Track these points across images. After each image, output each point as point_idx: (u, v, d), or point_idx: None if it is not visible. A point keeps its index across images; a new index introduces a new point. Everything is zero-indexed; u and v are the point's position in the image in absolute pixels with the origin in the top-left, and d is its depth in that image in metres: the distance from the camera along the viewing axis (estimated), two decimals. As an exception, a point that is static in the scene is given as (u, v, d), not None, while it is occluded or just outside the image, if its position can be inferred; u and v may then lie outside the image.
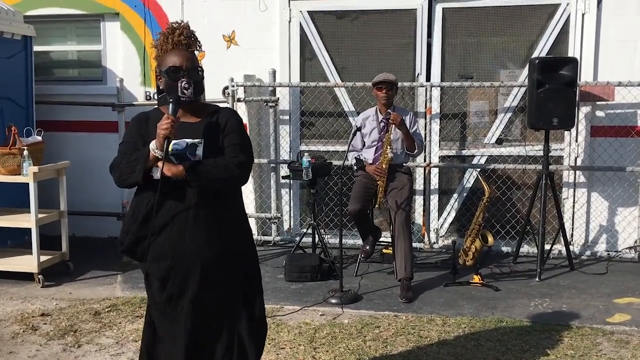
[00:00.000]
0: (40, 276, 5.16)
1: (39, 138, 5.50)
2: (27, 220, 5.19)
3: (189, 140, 2.55)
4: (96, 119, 6.69)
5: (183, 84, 2.55)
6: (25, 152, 5.11)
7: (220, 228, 2.61)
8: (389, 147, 4.98)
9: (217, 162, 2.54)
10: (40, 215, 5.20)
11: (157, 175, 2.52)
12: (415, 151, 5.10)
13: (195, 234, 2.56)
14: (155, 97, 5.87)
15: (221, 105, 2.95)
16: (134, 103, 6.58)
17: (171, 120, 2.48)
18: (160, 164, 2.50)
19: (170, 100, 2.56)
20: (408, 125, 5.09)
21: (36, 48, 6.38)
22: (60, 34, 6.95)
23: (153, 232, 2.57)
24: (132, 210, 2.67)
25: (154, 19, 6.55)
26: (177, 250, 2.58)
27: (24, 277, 5.23)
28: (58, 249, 5.51)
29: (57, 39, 6.95)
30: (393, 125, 4.99)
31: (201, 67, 2.65)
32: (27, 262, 5.24)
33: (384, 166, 4.98)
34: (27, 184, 5.09)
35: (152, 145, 2.52)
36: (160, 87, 2.67)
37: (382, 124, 5.09)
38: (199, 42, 2.70)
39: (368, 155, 5.16)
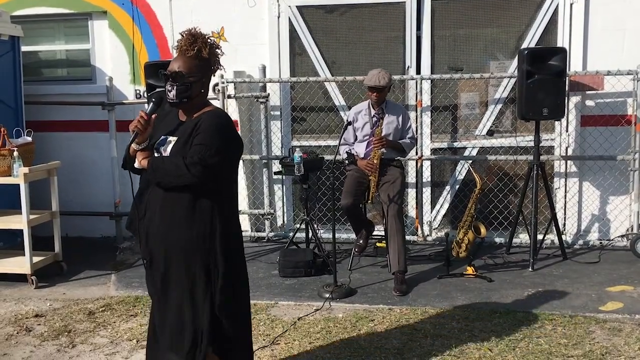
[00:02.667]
0: (33, 277, 5.15)
1: (29, 139, 5.46)
2: (19, 222, 5.17)
3: (169, 137, 2.78)
4: (86, 119, 6.67)
5: (167, 87, 2.76)
6: (16, 153, 5.08)
7: (180, 217, 2.72)
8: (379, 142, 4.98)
9: (172, 160, 2.70)
10: (31, 216, 5.18)
11: (136, 164, 2.80)
12: (407, 154, 5.25)
13: (162, 219, 2.75)
14: (145, 95, 5.85)
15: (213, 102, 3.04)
16: (123, 102, 6.55)
17: (140, 116, 2.71)
18: (138, 154, 2.77)
19: (153, 100, 2.81)
20: (400, 123, 5.11)
21: (24, 48, 6.35)
22: (48, 34, 6.91)
23: (140, 216, 2.83)
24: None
25: (142, 17, 6.52)
26: (150, 233, 2.80)
27: (17, 279, 5.21)
28: (51, 249, 5.49)
29: (45, 39, 6.91)
30: (382, 120, 5.02)
31: (195, 74, 2.74)
32: (20, 264, 5.23)
33: (375, 161, 4.98)
34: (18, 185, 5.06)
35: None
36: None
37: (374, 119, 5.09)
38: (205, 44, 2.75)
39: (360, 149, 5.16)
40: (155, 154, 2.78)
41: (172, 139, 2.75)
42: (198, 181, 2.63)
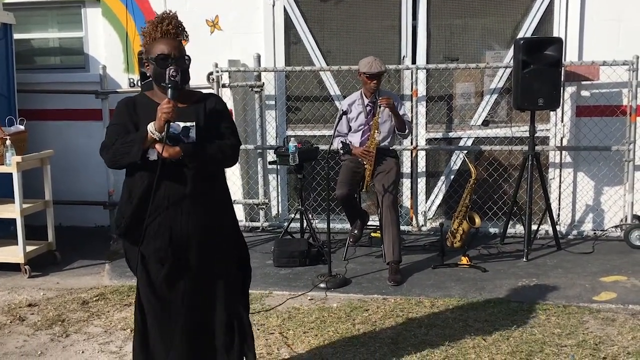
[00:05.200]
0: (26, 266, 5.13)
1: (22, 127, 5.43)
2: (12, 211, 5.14)
3: (182, 124, 2.66)
4: (79, 107, 6.62)
5: (171, 71, 2.61)
6: (8, 142, 5.04)
7: (214, 206, 2.75)
8: (376, 130, 4.95)
9: (212, 144, 2.70)
10: (25, 205, 5.15)
11: (153, 156, 2.61)
12: (407, 131, 5.11)
13: (191, 212, 2.68)
14: (139, 83, 5.81)
15: (205, 91, 2.99)
16: (117, 90, 6.50)
17: (172, 104, 2.57)
18: (156, 145, 2.58)
19: (169, 85, 2.61)
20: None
21: (16, 36, 6.29)
22: (40, 21, 6.84)
23: (151, 213, 2.63)
24: (127, 192, 2.73)
25: (135, 5, 6.46)
26: (175, 228, 2.67)
27: (11, 268, 5.19)
28: (44, 239, 5.46)
29: (37, 27, 6.84)
30: (380, 109, 4.97)
31: (188, 57, 2.75)
32: (13, 253, 5.20)
33: (371, 149, 4.96)
34: (11, 174, 5.03)
35: (151, 127, 2.58)
36: (147, 74, 2.79)
37: (368, 108, 5.07)
38: (186, 33, 2.79)
39: (354, 139, 5.14)
40: (169, 143, 2.60)
41: (191, 125, 2.67)
42: (235, 163, 2.81)
